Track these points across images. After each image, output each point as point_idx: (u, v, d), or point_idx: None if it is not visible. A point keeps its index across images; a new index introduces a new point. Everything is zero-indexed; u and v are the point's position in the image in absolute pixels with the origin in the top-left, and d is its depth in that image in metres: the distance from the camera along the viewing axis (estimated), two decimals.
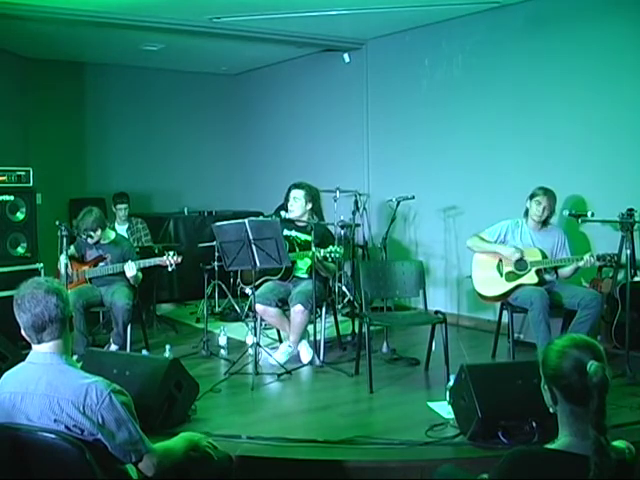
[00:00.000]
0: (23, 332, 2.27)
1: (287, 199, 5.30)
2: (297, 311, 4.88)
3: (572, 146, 5.48)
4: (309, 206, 5.20)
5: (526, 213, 5.03)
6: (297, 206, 5.18)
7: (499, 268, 5.00)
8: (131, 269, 5.13)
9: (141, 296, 5.60)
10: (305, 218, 5.16)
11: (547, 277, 4.96)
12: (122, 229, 6.68)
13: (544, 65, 5.66)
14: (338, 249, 4.87)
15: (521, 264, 4.89)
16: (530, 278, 4.86)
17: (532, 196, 4.98)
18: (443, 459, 3.27)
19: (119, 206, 6.78)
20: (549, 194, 4.93)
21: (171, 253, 5.19)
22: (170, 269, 5.22)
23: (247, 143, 9.16)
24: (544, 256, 4.92)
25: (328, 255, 4.84)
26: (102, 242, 5.33)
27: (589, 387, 1.80)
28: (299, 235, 5.22)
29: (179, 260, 5.19)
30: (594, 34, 5.34)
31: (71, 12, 5.74)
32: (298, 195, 5.20)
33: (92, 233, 5.19)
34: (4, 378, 2.32)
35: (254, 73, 8.96)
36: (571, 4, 5.50)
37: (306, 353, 5.10)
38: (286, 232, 5.07)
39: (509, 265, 4.94)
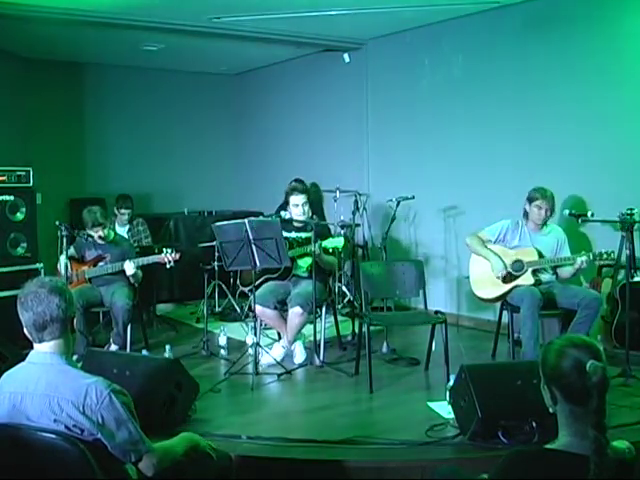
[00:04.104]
0: (25, 330, 2.28)
1: (287, 201, 5.27)
2: (295, 313, 4.87)
3: (572, 146, 5.48)
4: (307, 207, 5.18)
5: (525, 215, 5.01)
6: (301, 212, 5.13)
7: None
8: (130, 268, 5.13)
9: (141, 296, 5.60)
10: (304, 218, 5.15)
11: (546, 277, 4.96)
12: (122, 231, 6.66)
13: (544, 65, 5.66)
14: (337, 240, 4.85)
15: (517, 265, 4.88)
16: (526, 279, 4.85)
17: (531, 200, 4.93)
18: (443, 459, 3.28)
19: (123, 211, 6.73)
20: (548, 196, 4.88)
21: (169, 250, 5.18)
22: (169, 266, 5.20)
23: (247, 143, 9.16)
24: (541, 256, 4.91)
25: (328, 245, 4.83)
26: (102, 242, 5.33)
27: (588, 387, 1.80)
28: (300, 235, 5.20)
29: (177, 257, 5.17)
30: (594, 34, 5.34)
31: (71, 12, 5.74)
32: (302, 201, 5.14)
33: (99, 228, 5.19)
34: (4, 378, 2.32)
35: (254, 73, 8.96)
36: (570, 4, 5.50)
37: (300, 353, 5.10)
38: (286, 234, 5.05)
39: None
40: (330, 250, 4.98)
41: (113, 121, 8.29)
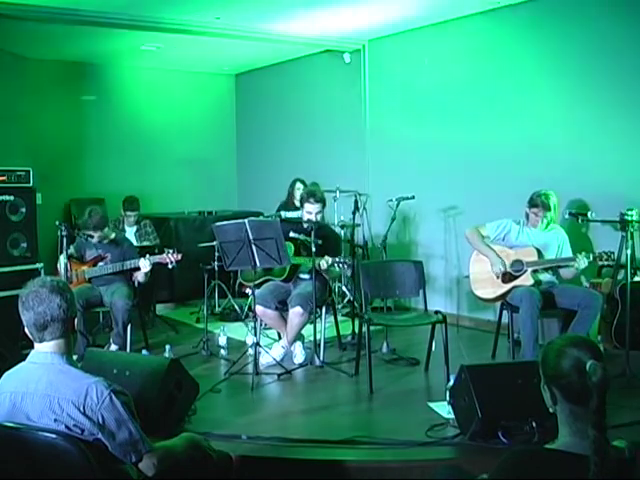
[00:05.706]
0: (26, 330, 2.28)
1: (302, 204, 5.22)
2: (296, 313, 4.87)
3: (572, 146, 5.47)
4: (320, 216, 5.17)
5: (526, 215, 5.01)
6: (314, 218, 5.08)
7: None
8: (146, 265, 5.13)
9: (141, 296, 5.60)
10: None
11: (545, 277, 4.95)
12: (131, 231, 6.76)
13: (544, 65, 5.66)
14: (347, 259, 4.83)
15: (517, 265, 4.88)
16: (526, 279, 4.84)
17: (531, 204, 4.93)
18: (443, 459, 3.28)
19: (129, 213, 6.82)
20: (546, 205, 4.86)
21: (170, 250, 5.18)
22: (171, 266, 5.20)
23: (247, 143, 9.16)
24: (541, 256, 4.91)
25: (336, 263, 4.80)
26: (101, 242, 5.33)
27: (589, 387, 1.80)
28: (308, 239, 5.14)
29: (179, 257, 5.17)
30: (594, 34, 5.34)
31: (71, 12, 5.74)
32: (316, 211, 5.08)
33: (99, 231, 5.20)
34: (4, 378, 2.32)
35: (254, 73, 8.96)
36: (571, 5, 5.50)
37: (300, 354, 5.10)
38: (293, 234, 5.03)
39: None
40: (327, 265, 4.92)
41: (113, 121, 8.28)
